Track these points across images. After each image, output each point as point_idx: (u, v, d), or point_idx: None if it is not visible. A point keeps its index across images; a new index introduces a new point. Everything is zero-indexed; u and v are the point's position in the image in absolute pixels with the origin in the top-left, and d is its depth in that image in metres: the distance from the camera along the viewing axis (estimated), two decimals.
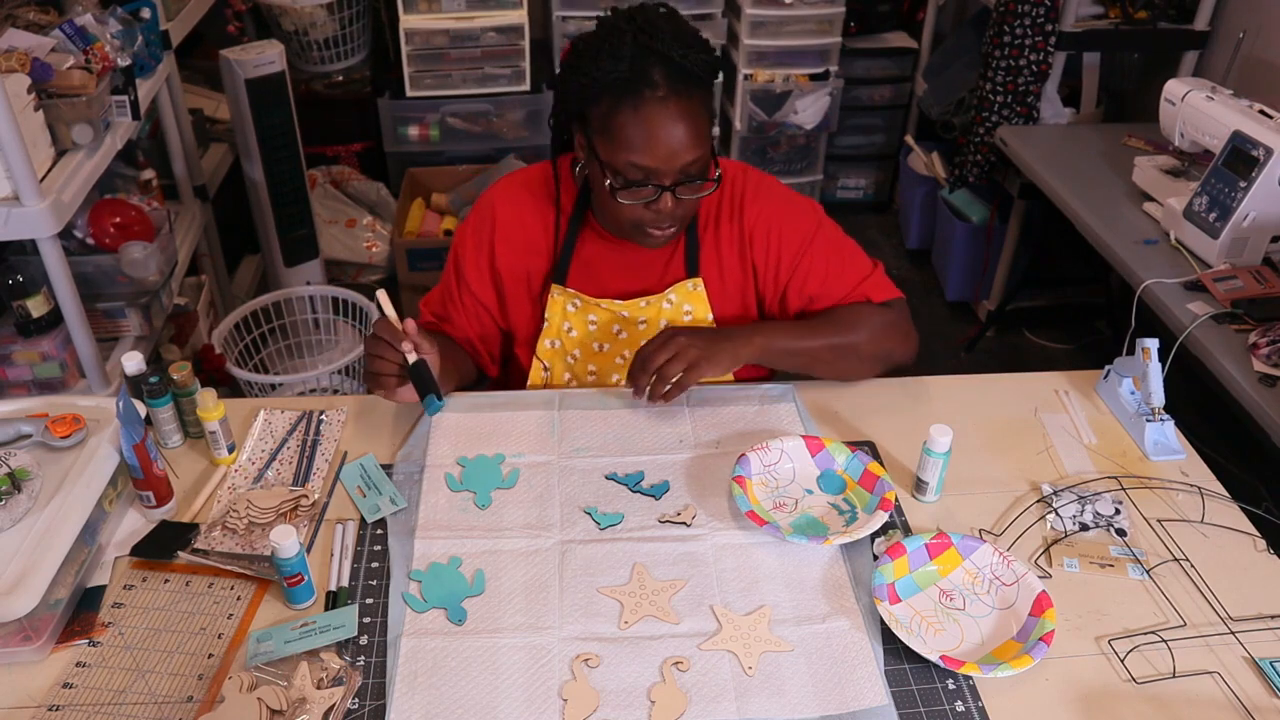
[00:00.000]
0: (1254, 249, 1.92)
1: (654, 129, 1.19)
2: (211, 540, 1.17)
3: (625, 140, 1.20)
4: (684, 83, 1.20)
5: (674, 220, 1.28)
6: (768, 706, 1.00)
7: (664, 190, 1.23)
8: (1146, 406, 1.36)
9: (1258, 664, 1.05)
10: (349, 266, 3.29)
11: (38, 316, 1.85)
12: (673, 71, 1.19)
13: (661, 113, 1.19)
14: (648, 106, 1.18)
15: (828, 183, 3.73)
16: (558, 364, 1.45)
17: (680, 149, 1.20)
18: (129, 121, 2.02)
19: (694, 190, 1.26)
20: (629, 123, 1.19)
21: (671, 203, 1.25)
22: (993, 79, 2.79)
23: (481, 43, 3.15)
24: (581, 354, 1.44)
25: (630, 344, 1.43)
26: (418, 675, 1.02)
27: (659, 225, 1.28)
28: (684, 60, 1.19)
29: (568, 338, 1.43)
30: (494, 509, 1.24)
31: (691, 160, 1.22)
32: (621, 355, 1.44)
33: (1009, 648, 1.06)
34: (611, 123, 1.21)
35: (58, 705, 0.99)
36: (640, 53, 1.18)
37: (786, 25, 3.27)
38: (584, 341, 1.44)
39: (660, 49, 1.18)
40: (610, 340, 1.44)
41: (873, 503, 1.22)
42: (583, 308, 1.42)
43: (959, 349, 3.12)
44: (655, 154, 1.20)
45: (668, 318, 1.42)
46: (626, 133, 1.20)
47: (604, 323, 1.43)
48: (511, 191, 1.43)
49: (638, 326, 1.42)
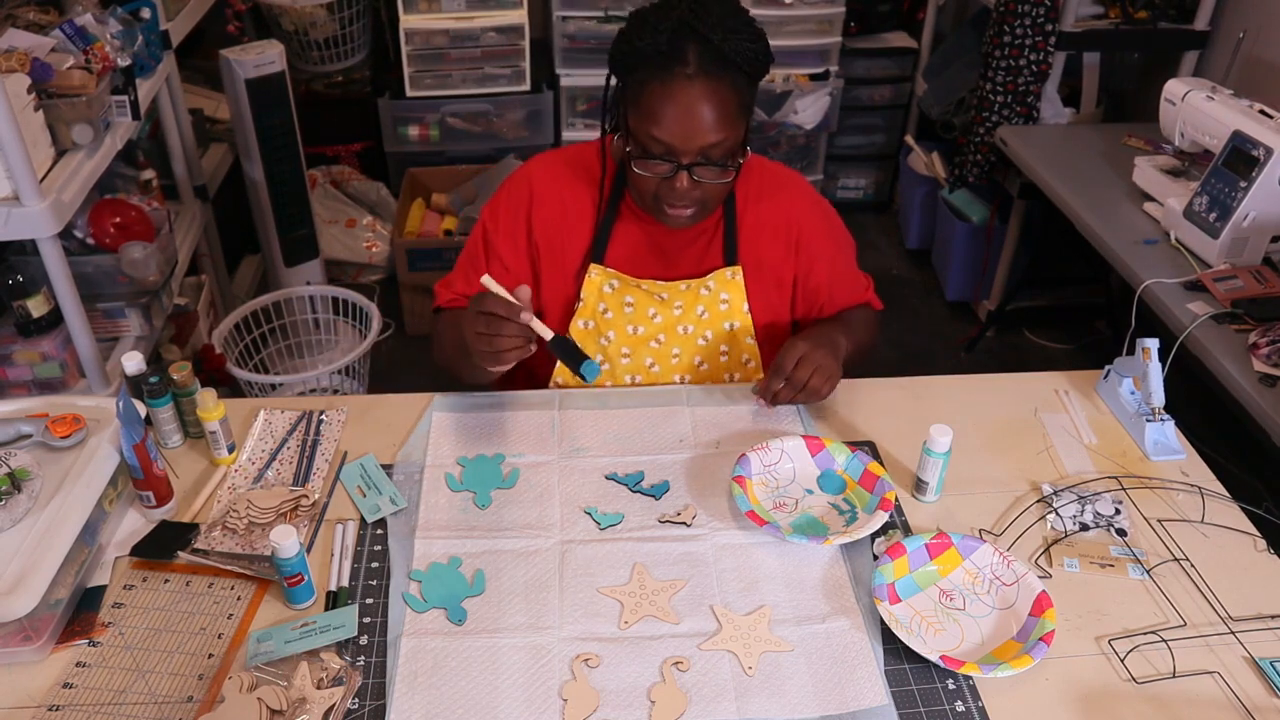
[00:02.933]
0: (1254, 249, 1.92)
1: (676, 105, 1.20)
2: (211, 540, 1.17)
3: (650, 112, 1.22)
4: (717, 65, 1.20)
5: (691, 201, 1.29)
6: (768, 706, 1.00)
7: (680, 168, 1.24)
8: (1146, 406, 1.36)
9: (1258, 664, 1.05)
10: (349, 266, 3.29)
11: (38, 316, 1.85)
12: (708, 52, 1.20)
13: (687, 90, 1.20)
14: (675, 82, 1.20)
15: (828, 183, 3.73)
16: (589, 345, 1.44)
17: (700, 129, 1.21)
18: (129, 121, 2.02)
19: (714, 174, 1.26)
20: (655, 95, 1.21)
21: (687, 182, 1.25)
22: (993, 79, 2.79)
23: (481, 43, 3.15)
24: (616, 335, 1.43)
25: (665, 328, 1.43)
26: (418, 675, 1.02)
27: (676, 204, 1.29)
28: (722, 43, 1.20)
29: (602, 319, 1.43)
30: (494, 509, 1.24)
31: (712, 143, 1.22)
32: (657, 339, 1.44)
33: (1009, 648, 1.06)
34: (641, 93, 1.23)
35: (58, 705, 0.99)
36: (681, 29, 1.20)
37: (786, 25, 3.27)
38: (619, 323, 1.43)
39: (701, 29, 1.19)
40: (645, 323, 1.43)
41: (873, 503, 1.22)
42: (620, 288, 1.42)
43: (959, 349, 3.12)
44: (673, 130, 1.21)
45: (704, 304, 1.43)
46: (651, 105, 1.22)
47: (640, 305, 1.42)
48: (551, 167, 1.43)
49: (674, 311, 1.43)
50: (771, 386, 1.32)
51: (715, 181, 1.27)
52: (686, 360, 1.46)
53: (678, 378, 1.46)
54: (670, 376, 1.46)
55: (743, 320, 1.45)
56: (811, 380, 1.30)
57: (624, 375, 1.46)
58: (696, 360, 1.46)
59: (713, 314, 1.43)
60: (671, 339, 1.44)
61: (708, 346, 1.45)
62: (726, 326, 1.45)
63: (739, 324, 1.45)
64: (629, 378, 1.46)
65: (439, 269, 3.00)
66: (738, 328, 1.45)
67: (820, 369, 1.30)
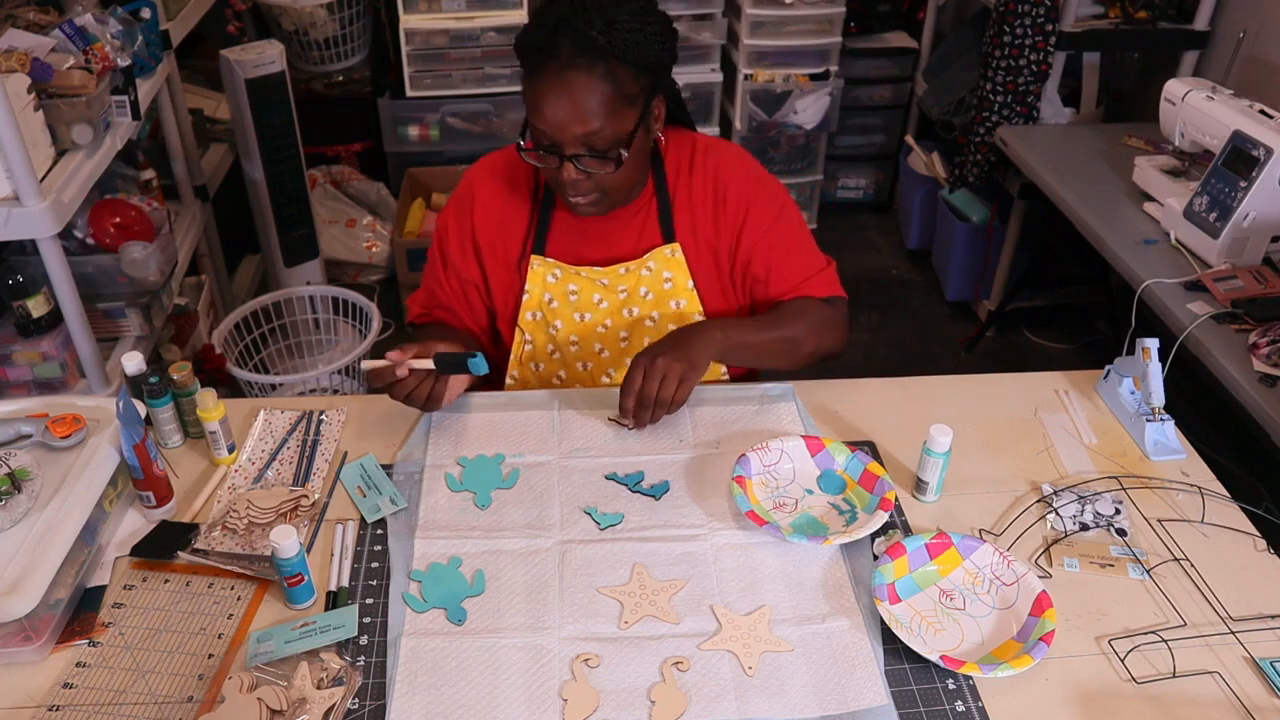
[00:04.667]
0: (1254, 249, 1.92)
1: (545, 97, 1.24)
2: (211, 540, 1.17)
3: (531, 104, 1.26)
4: (591, 56, 1.21)
5: (587, 190, 1.31)
6: (768, 706, 1.00)
7: (564, 159, 1.27)
8: (1146, 406, 1.36)
9: (1258, 664, 1.05)
10: (349, 266, 3.29)
11: (38, 316, 1.86)
12: (581, 44, 1.21)
13: (556, 83, 1.23)
14: (545, 75, 1.23)
15: (828, 183, 3.73)
16: (540, 335, 1.47)
17: (569, 120, 1.23)
18: (129, 121, 2.02)
19: (596, 165, 1.28)
20: (531, 89, 1.26)
21: (575, 172, 1.28)
22: (993, 79, 2.79)
23: (481, 43, 3.15)
24: (564, 325, 1.45)
25: (611, 313, 1.44)
26: (418, 675, 1.02)
27: (571, 193, 1.32)
28: (599, 34, 1.21)
29: (549, 309, 1.45)
30: (494, 509, 1.24)
31: (589, 132, 1.24)
32: (604, 324, 1.45)
33: (1009, 647, 1.06)
34: (526, 87, 1.27)
35: (58, 705, 0.99)
36: (559, 24, 1.22)
37: (786, 25, 3.27)
38: (565, 312, 1.45)
39: (577, 23, 1.21)
40: (591, 309, 1.45)
41: (873, 503, 1.22)
42: (563, 277, 1.43)
43: (959, 349, 3.12)
44: (549, 120, 1.24)
45: (646, 285, 1.43)
46: (532, 97, 1.26)
47: (585, 292, 1.44)
48: (491, 167, 1.47)
49: (618, 294, 1.43)
50: (625, 405, 1.29)
51: (601, 172, 1.28)
52: (636, 343, 1.45)
53: (629, 361, 1.45)
54: (621, 361, 1.47)
55: (689, 298, 1.44)
56: (662, 390, 1.26)
57: (575, 363, 1.47)
58: (646, 341, 1.44)
59: (657, 294, 1.44)
60: (618, 323, 1.45)
61: (655, 327, 1.45)
62: (673, 305, 1.44)
63: (685, 303, 1.44)
64: (580, 364, 1.47)
65: None
66: (684, 306, 1.44)
67: (669, 374, 1.27)
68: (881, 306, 3.27)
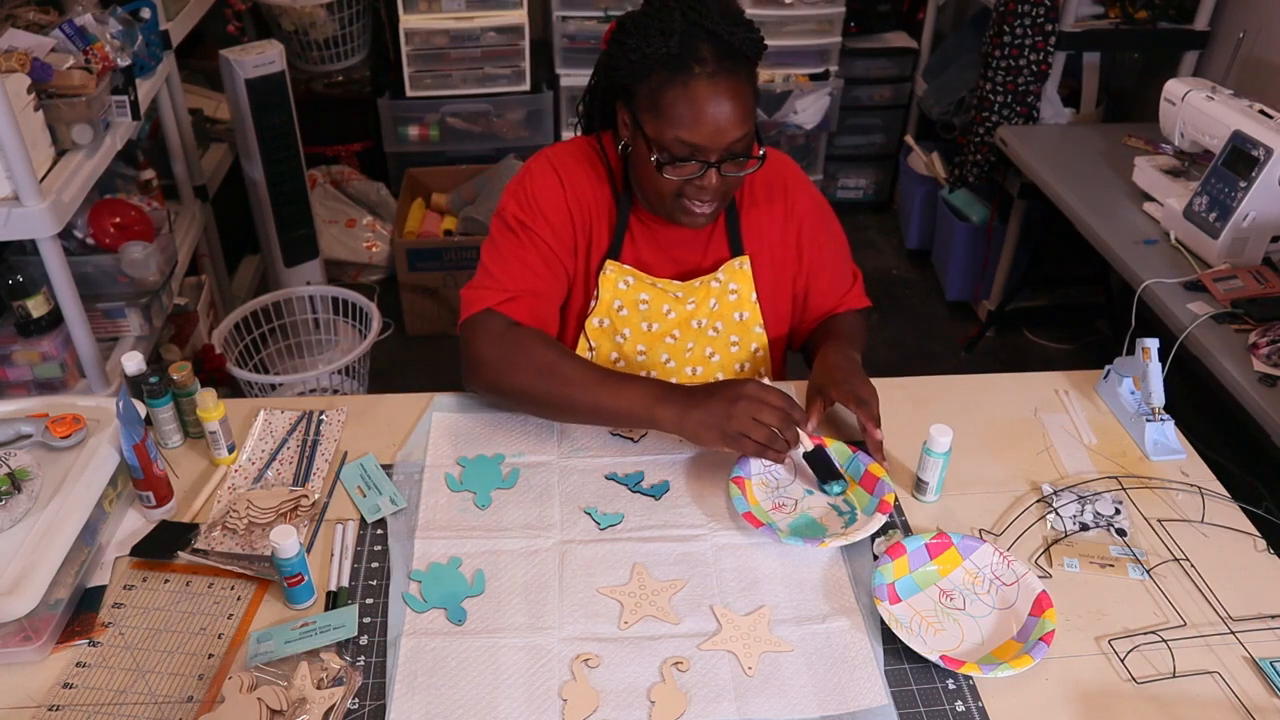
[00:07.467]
0: (1254, 249, 1.92)
1: (702, 105, 1.20)
2: (211, 540, 1.17)
3: (674, 116, 1.21)
4: (731, 60, 1.20)
5: (716, 197, 1.29)
6: (768, 707, 1.00)
7: (709, 166, 1.24)
8: (1146, 406, 1.36)
9: (1258, 664, 1.05)
10: (349, 266, 3.29)
11: (38, 316, 1.86)
12: (720, 48, 1.20)
13: (710, 89, 1.19)
14: (696, 83, 1.19)
15: (828, 183, 3.73)
16: (605, 343, 1.44)
17: (727, 126, 1.21)
18: (129, 121, 2.02)
19: (738, 167, 1.27)
20: (678, 99, 1.20)
21: (716, 179, 1.26)
22: (993, 79, 2.79)
23: (481, 43, 3.15)
24: (632, 333, 1.43)
25: (679, 324, 1.44)
26: (418, 675, 1.02)
27: (701, 202, 1.29)
28: (731, 38, 1.20)
29: (618, 316, 1.42)
30: (494, 509, 1.24)
31: (738, 137, 1.23)
32: (672, 335, 1.44)
33: (1009, 647, 1.06)
34: (660, 99, 1.21)
35: (58, 705, 0.99)
36: (689, 29, 1.19)
37: (786, 25, 3.27)
38: (634, 320, 1.43)
39: (709, 26, 1.19)
40: (660, 319, 1.43)
41: (872, 504, 1.22)
42: (635, 286, 1.41)
43: (959, 349, 3.12)
44: (702, 130, 1.21)
45: (715, 296, 1.43)
46: (675, 109, 1.21)
47: (655, 302, 1.42)
48: (566, 158, 1.40)
49: (686, 307, 1.43)
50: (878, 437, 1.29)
51: (741, 173, 1.28)
52: (699, 353, 1.46)
53: (690, 370, 1.46)
54: (684, 370, 1.47)
55: (751, 310, 1.45)
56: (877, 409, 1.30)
57: (640, 372, 1.46)
58: (708, 352, 1.46)
59: (723, 305, 1.44)
60: (686, 334, 1.44)
61: (719, 338, 1.46)
62: (736, 317, 1.45)
63: (748, 314, 1.45)
64: (645, 374, 1.46)
65: (439, 269, 3.00)
66: (747, 318, 1.45)
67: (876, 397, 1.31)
68: (881, 306, 3.27)
